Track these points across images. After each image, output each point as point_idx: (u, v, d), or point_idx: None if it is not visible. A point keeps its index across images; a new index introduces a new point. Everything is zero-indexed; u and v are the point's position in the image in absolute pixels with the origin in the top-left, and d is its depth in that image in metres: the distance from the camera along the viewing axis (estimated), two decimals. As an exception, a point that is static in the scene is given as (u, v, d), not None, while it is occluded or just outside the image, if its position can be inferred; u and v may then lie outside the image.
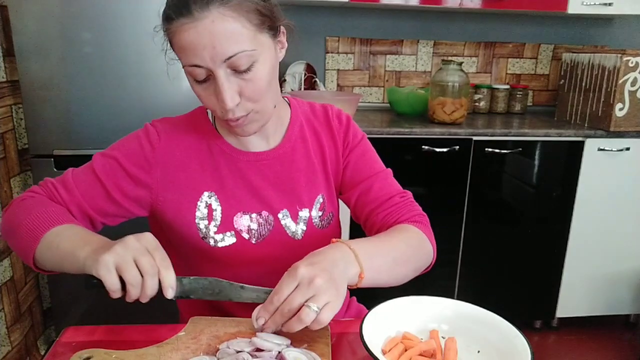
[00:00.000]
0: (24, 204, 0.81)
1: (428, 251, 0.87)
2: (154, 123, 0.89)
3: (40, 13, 1.62)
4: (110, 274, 0.64)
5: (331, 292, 0.64)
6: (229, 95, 0.74)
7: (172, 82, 1.71)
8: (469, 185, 2.07)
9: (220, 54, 0.71)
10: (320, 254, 0.70)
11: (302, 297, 0.63)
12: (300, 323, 0.63)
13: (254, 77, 0.75)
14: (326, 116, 0.96)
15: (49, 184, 0.84)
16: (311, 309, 0.63)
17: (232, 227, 0.87)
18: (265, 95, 0.78)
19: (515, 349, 0.65)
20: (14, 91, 1.77)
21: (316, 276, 0.64)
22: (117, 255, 0.64)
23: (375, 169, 0.94)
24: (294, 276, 0.65)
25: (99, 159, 0.85)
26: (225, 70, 0.73)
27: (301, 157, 0.92)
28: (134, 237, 0.67)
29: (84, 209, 0.83)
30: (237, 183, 0.88)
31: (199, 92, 0.77)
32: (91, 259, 0.66)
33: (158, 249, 0.68)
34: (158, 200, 0.86)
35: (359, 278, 0.72)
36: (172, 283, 0.67)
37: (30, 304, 1.91)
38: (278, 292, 0.65)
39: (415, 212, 0.90)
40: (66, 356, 0.67)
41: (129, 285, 0.64)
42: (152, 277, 0.65)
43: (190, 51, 0.72)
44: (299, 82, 2.41)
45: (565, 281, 2.24)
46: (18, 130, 1.82)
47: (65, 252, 0.72)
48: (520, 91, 2.53)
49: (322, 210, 0.93)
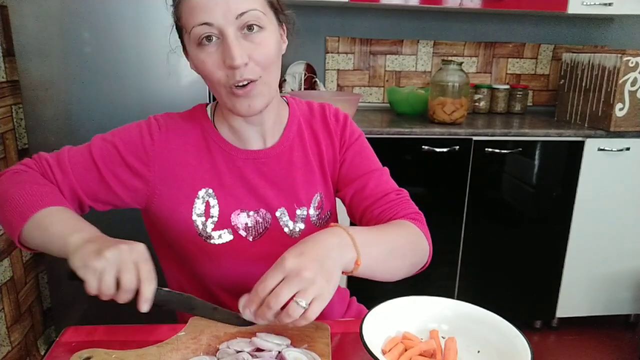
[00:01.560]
0: (16, 177, 0.80)
1: (424, 248, 0.85)
2: (156, 117, 0.89)
3: (40, 13, 1.62)
4: (94, 279, 0.64)
5: (320, 284, 0.63)
6: (238, 52, 0.74)
7: (172, 82, 1.71)
8: (469, 185, 2.07)
9: (233, 9, 0.73)
10: (312, 241, 0.67)
11: (289, 291, 0.62)
12: (289, 318, 0.62)
13: (263, 41, 0.76)
14: (324, 115, 0.96)
15: (43, 160, 0.83)
16: (299, 305, 0.61)
17: (229, 224, 0.87)
18: (273, 65, 0.79)
19: (515, 349, 0.65)
20: (14, 91, 1.77)
21: (304, 268, 0.62)
22: (106, 263, 0.64)
23: (371, 166, 0.94)
24: (281, 268, 0.63)
25: (98, 142, 0.85)
26: (235, 30, 0.74)
27: (299, 156, 0.92)
28: (127, 247, 0.67)
29: (76, 191, 0.83)
30: (235, 180, 0.88)
31: (203, 58, 0.76)
32: (79, 257, 0.66)
33: (146, 262, 0.67)
34: (154, 194, 0.86)
35: (355, 265, 0.69)
36: (148, 297, 0.66)
37: (30, 304, 1.91)
38: (263, 281, 0.63)
39: (412, 210, 0.90)
40: (66, 356, 0.67)
41: (101, 293, 0.65)
42: (127, 292, 0.65)
43: (202, 9, 0.73)
44: (299, 82, 2.41)
45: (565, 281, 2.24)
46: (18, 130, 1.82)
47: (53, 235, 0.72)
48: (520, 91, 2.53)
49: (319, 209, 0.94)
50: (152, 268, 0.68)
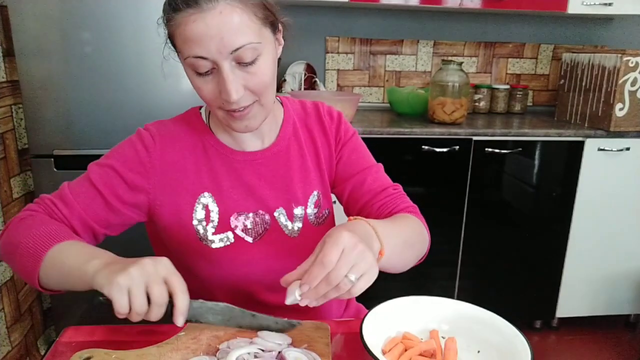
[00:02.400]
0: (23, 223, 0.78)
1: (426, 238, 0.88)
2: (146, 127, 0.88)
3: (40, 13, 1.62)
4: (123, 296, 0.62)
5: (370, 260, 0.63)
6: (233, 87, 0.73)
7: (172, 82, 1.71)
8: (469, 185, 2.07)
9: (227, 45, 0.71)
10: (347, 226, 0.67)
11: (347, 266, 0.61)
12: (338, 292, 0.62)
13: (258, 70, 0.75)
14: (318, 113, 0.97)
15: (46, 201, 0.82)
16: (349, 279, 0.61)
17: (229, 227, 0.87)
18: (268, 89, 0.78)
19: (515, 349, 0.65)
20: (14, 91, 1.77)
21: (359, 242, 0.63)
22: (131, 279, 0.62)
23: (367, 163, 0.96)
24: (340, 243, 0.62)
25: (95, 169, 0.84)
26: (230, 62, 0.73)
27: (295, 155, 0.93)
28: (151, 260, 0.65)
29: (86, 222, 0.81)
30: (233, 183, 0.88)
31: (200, 85, 0.76)
32: (103, 276, 0.64)
33: (175, 275, 0.66)
34: (155, 203, 0.86)
35: (379, 255, 0.69)
36: (184, 310, 0.65)
37: (30, 304, 1.91)
38: (327, 256, 0.61)
39: (409, 204, 0.93)
40: (66, 356, 0.67)
41: (133, 312, 0.63)
42: (159, 307, 0.63)
43: (196, 42, 0.71)
44: (299, 82, 2.41)
45: (565, 281, 2.24)
46: (18, 130, 1.82)
47: (71, 268, 0.70)
48: (520, 91, 2.53)
49: (317, 207, 0.94)
50: (182, 280, 0.66)
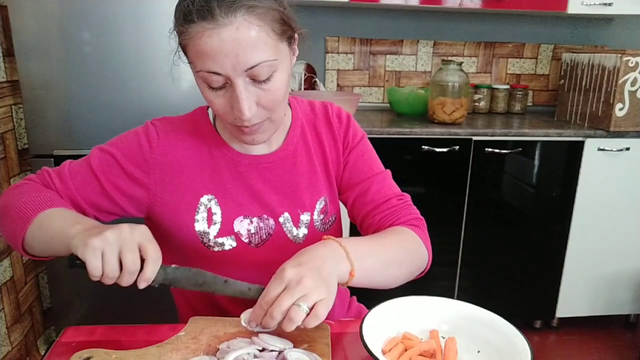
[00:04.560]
0: (18, 189, 0.81)
1: (422, 255, 0.85)
2: (154, 122, 0.87)
3: (40, 13, 1.62)
4: (96, 259, 0.63)
5: (321, 289, 0.64)
6: (246, 105, 0.72)
7: (173, 83, 1.71)
8: (469, 185, 2.07)
9: (243, 62, 0.69)
10: (308, 253, 0.69)
11: (291, 299, 0.62)
12: (292, 323, 0.62)
13: (272, 87, 0.73)
14: (326, 115, 0.95)
15: (44, 173, 0.84)
16: (301, 308, 0.62)
17: (232, 231, 0.86)
18: (280, 105, 0.77)
19: (515, 349, 0.65)
20: (14, 91, 1.77)
21: (304, 277, 0.63)
22: (106, 243, 0.63)
23: (374, 170, 0.93)
24: (281, 278, 0.64)
25: (97, 153, 0.85)
26: (244, 79, 0.71)
27: (303, 160, 0.91)
28: (129, 227, 0.66)
29: (76, 201, 0.82)
30: (237, 186, 0.87)
31: (211, 99, 0.74)
32: (80, 238, 0.65)
33: (150, 242, 0.66)
34: (156, 202, 0.85)
35: (350, 276, 0.71)
36: (148, 278, 0.65)
37: (30, 304, 1.91)
38: (265, 295, 0.64)
39: (413, 216, 0.89)
40: (66, 356, 0.67)
41: (105, 276, 0.64)
42: (130, 274, 0.64)
43: (210, 58, 0.69)
44: (299, 82, 2.41)
45: (565, 281, 2.24)
46: (18, 130, 1.82)
47: (55, 231, 0.71)
48: (520, 91, 2.53)
49: (324, 213, 0.92)
50: (156, 247, 0.66)
